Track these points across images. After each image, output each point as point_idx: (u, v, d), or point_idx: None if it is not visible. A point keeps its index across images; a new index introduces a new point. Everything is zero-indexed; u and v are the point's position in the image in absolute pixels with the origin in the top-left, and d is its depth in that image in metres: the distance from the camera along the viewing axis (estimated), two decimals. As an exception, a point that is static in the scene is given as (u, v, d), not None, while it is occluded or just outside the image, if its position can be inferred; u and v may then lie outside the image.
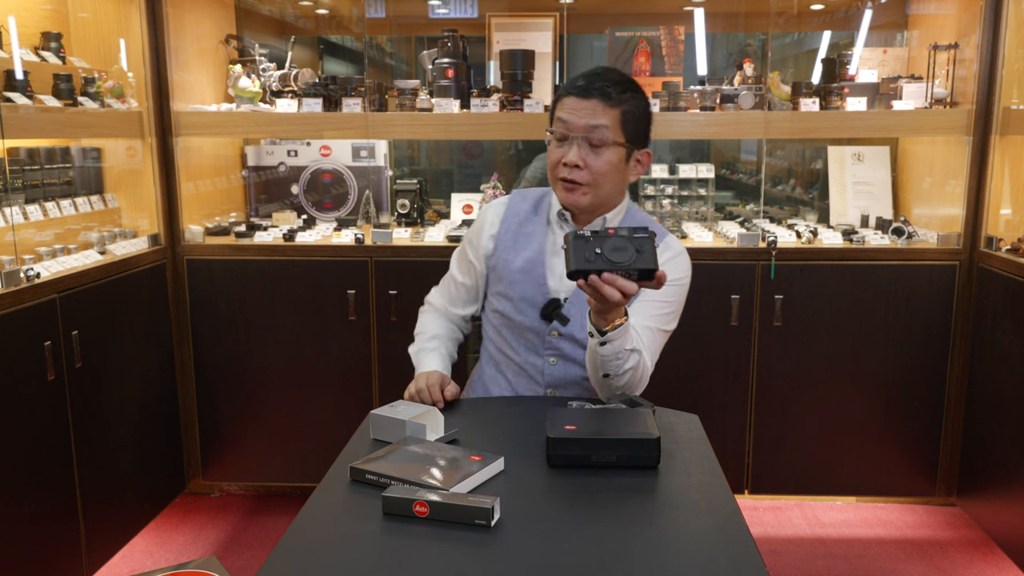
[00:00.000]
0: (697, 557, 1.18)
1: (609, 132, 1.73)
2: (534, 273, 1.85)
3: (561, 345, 1.85)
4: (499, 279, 1.89)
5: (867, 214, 3.19)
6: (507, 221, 1.90)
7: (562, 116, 1.76)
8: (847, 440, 2.94)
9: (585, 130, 1.73)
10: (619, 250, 1.43)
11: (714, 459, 1.49)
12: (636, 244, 1.44)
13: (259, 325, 2.94)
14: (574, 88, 1.75)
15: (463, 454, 1.44)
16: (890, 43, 3.33)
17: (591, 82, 1.74)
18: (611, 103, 1.73)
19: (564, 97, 1.78)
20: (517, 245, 1.88)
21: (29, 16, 2.70)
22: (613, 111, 1.73)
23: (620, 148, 1.75)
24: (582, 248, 1.44)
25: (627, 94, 1.75)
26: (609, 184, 1.78)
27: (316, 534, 1.24)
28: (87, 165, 2.85)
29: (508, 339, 1.90)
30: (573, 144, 1.74)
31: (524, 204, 1.93)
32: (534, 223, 1.89)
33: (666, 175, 3.37)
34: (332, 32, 3.72)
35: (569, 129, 1.75)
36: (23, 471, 2.19)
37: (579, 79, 1.76)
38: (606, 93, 1.73)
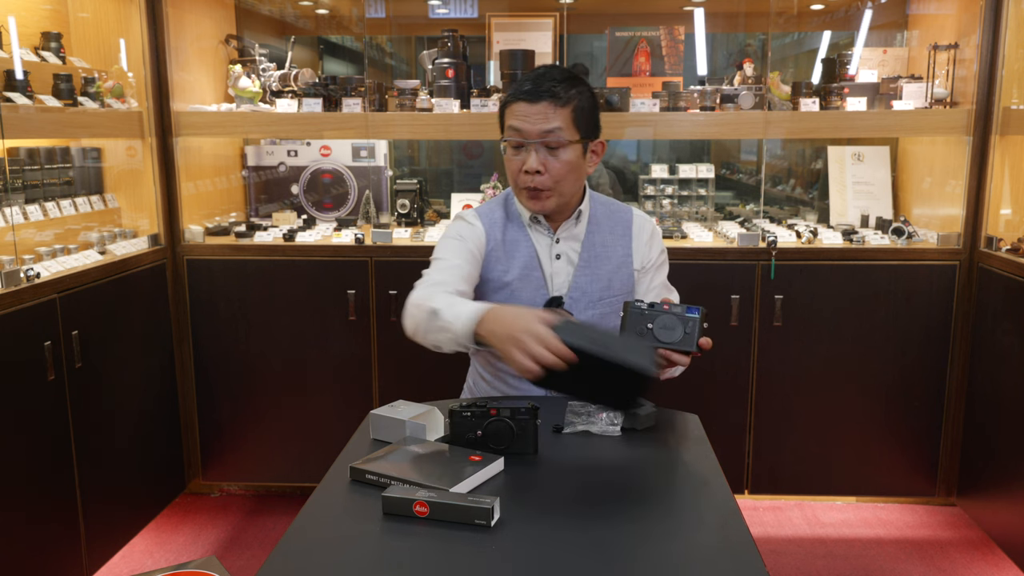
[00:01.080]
0: (697, 557, 1.18)
1: (564, 132, 1.73)
2: (532, 278, 1.85)
3: None
4: (496, 290, 1.87)
5: (867, 214, 3.19)
6: (491, 233, 1.87)
7: (514, 124, 1.75)
8: (847, 440, 2.94)
9: (540, 135, 1.73)
10: (668, 329, 1.56)
11: (714, 459, 1.49)
12: (685, 325, 1.56)
13: (259, 325, 2.94)
14: (522, 93, 1.74)
15: (463, 454, 1.44)
16: (890, 43, 3.33)
17: (538, 84, 1.73)
18: (561, 103, 1.72)
19: (512, 103, 1.76)
20: (509, 254, 1.86)
21: (29, 16, 2.70)
22: (564, 110, 1.73)
23: (576, 145, 1.76)
24: (636, 320, 1.58)
25: (574, 90, 1.75)
26: (571, 183, 1.79)
27: (316, 534, 1.24)
28: (87, 165, 2.85)
29: None
30: (531, 150, 1.74)
31: (495, 214, 1.90)
32: (513, 230, 1.88)
33: (666, 175, 3.37)
34: (332, 32, 3.72)
35: (524, 136, 1.74)
36: (23, 471, 2.19)
37: (524, 83, 1.75)
38: (554, 93, 1.72)
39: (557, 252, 1.87)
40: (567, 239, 1.88)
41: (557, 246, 1.87)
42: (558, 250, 1.87)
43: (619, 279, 1.88)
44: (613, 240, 1.89)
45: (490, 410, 1.48)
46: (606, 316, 1.88)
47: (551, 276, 1.87)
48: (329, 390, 2.97)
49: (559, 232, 1.87)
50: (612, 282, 1.87)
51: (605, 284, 1.87)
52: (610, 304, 1.88)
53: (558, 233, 1.87)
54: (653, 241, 1.93)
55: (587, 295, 1.86)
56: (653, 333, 1.57)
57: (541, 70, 1.77)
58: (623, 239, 1.90)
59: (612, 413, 1.61)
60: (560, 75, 1.75)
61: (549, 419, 1.62)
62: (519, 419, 1.48)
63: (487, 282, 1.88)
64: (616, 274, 1.88)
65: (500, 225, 1.88)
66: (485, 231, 1.87)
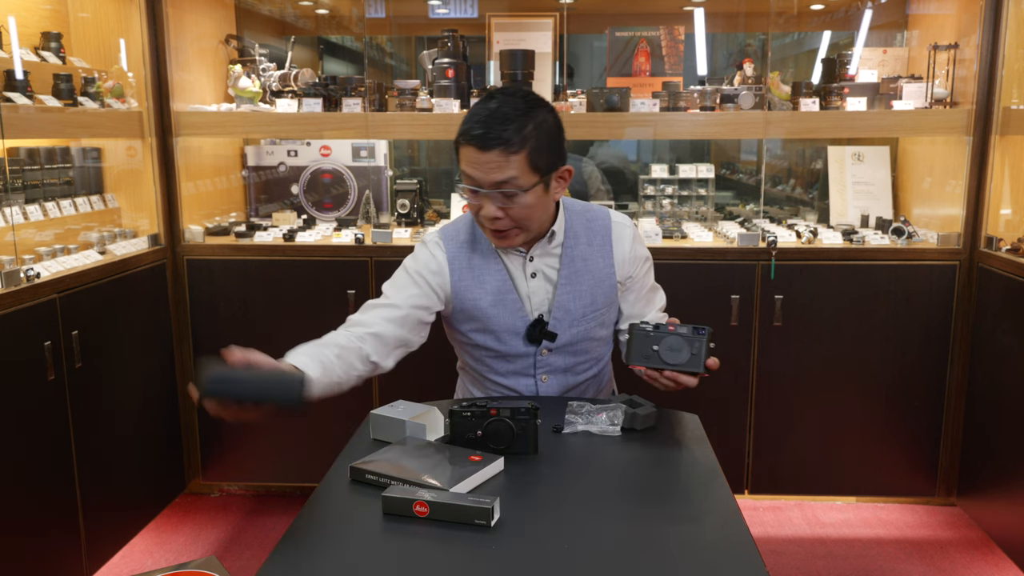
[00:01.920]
0: (697, 557, 1.18)
1: (520, 179, 1.60)
2: (507, 302, 1.78)
3: (551, 360, 1.83)
4: (471, 318, 1.79)
5: (867, 214, 3.19)
6: (455, 263, 1.78)
7: (467, 171, 1.63)
8: (847, 440, 2.94)
9: (493, 186, 1.61)
10: (674, 351, 1.57)
11: (714, 459, 1.49)
12: (692, 346, 1.57)
13: (259, 325, 2.94)
14: (472, 138, 1.59)
15: (463, 454, 1.44)
16: (890, 43, 3.33)
17: (488, 130, 1.57)
18: (513, 149, 1.58)
19: (463, 147, 1.62)
20: (477, 282, 1.78)
21: (29, 16, 2.70)
22: (517, 156, 1.59)
23: (536, 186, 1.64)
24: (642, 343, 1.59)
25: (529, 127, 1.60)
26: (536, 219, 1.69)
27: (316, 534, 1.24)
28: (87, 165, 2.85)
29: (493, 366, 1.85)
30: (486, 198, 1.63)
31: (459, 237, 1.80)
32: (479, 251, 1.79)
33: (666, 175, 3.37)
34: (332, 32, 3.72)
35: (478, 184, 1.62)
36: (23, 471, 2.18)
37: (476, 126, 1.59)
38: (505, 140, 1.57)
39: (532, 271, 1.78)
40: (541, 256, 1.78)
41: (531, 264, 1.78)
42: (533, 268, 1.78)
43: (602, 292, 1.80)
44: (592, 252, 1.80)
45: (490, 410, 1.48)
46: (590, 331, 1.82)
47: (528, 296, 1.78)
48: (329, 390, 2.96)
49: (532, 251, 1.78)
50: (596, 297, 1.80)
51: (588, 300, 1.79)
52: (595, 319, 1.81)
53: (531, 252, 1.78)
54: (636, 247, 1.84)
55: (570, 314, 1.78)
56: (659, 355, 1.57)
57: (493, 104, 1.60)
58: (603, 249, 1.80)
59: (612, 413, 1.61)
60: (513, 111, 1.59)
61: (549, 419, 1.62)
62: (519, 419, 1.48)
63: (461, 311, 1.80)
64: (599, 287, 1.80)
65: (466, 249, 1.79)
66: (448, 259, 1.78)
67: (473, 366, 1.90)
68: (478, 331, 1.81)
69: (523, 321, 1.79)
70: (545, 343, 1.79)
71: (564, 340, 1.80)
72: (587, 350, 1.85)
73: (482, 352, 1.84)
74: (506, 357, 1.83)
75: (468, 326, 1.82)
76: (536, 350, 1.80)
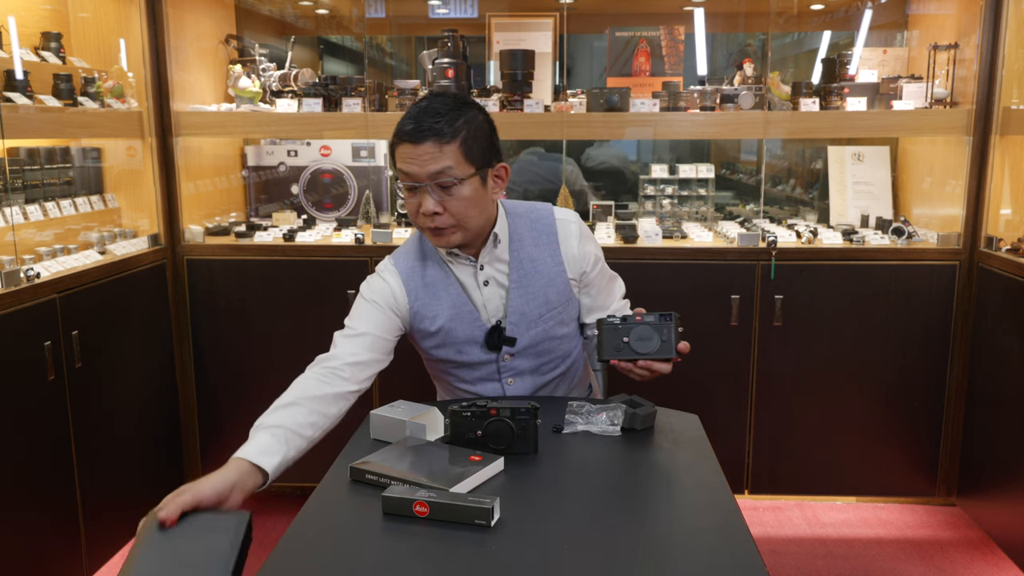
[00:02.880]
0: (697, 557, 1.18)
1: (455, 169, 1.63)
2: (464, 314, 1.78)
3: (515, 364, 1.83)
4: (430, 335, 1.80)
5: (867, 214, 3.19)
6: (409, 284, 1.79)
7: (403, 168, 1.65)
8: (847, 440, 2.94)
9: (430, 177, 1.63)
10: (644, 340, 1.61)
11: (714, 459, 1.49)
12: (661, 333, 1.61)
13: (259, 325, 2.94)
14: (404, 134, 1.63)
15: (463, 454, 1.44)
16: (890, 43, 3.33)
17: (419, 123, 1.61)
18: (446, 139, 1.62)
19: (398, 145, 1.65)
20: (433, 299, 1.79)
21: (29, 16, 2.70)
22: (451, 146, 1.62)
23: (473, 178, 1.66)
24: (611, 336, 1.61)
25: (460, 120, 1.64)
26: (475, 216, 1.69)
27: (316, 534, 1.24)
28: (87, 165, 2.85)
29: (460, 375, 1.86)
30: (424, 192, 1.65)
31: (409, 258, 1.82)
32: (431, 269, 1.80)
33: (666, 175, 3.37)
34: (332, 32, 3.72)
35: (414, 179, 1.64)
36: (23, 471, 2.18)
37: (408, 122, 1.63)
38: (437, 131, 1.61)
39: (484, 279, 1.79)
40: (491, 262, 1.79)
41: (482, 272, 1.79)
42: (484, 276, 1.79)
43: (555, 291, 1.81)
44: (539, 252, 1.80)
45: (490, 410, 1.48)
46: (549, 330, 1.82)
47: (483, 305, 1.79)
48: (329, 390, 2.96)
49: (481, 259, 1.78)
50: (549, 296, 1.80)
51: (542, 300, 1.79)
52: (552, 318, 1.81)
53: (480, 260, 1.78)
54: (584, 245, 1.83)
55: (525, 317, 1.79)
56: (630, 346, 1.60)
57: (424, 103, 1.65)
58: (549, 248, 1.81)
59: (612, 413, 1.62)
60: (443, 107, 1.64)
61: (549, 419, 1.62)
62: (519, 419, 1.48)
63: (419, 330, 1.80)
64: (550, 287, 1.80)
65: (418, 271, 1.80)
66: (403, 283, 1.79)
67: (441, 378, 1.92)
68: (438, 347, 1.82)
69: (481, 331, 1.79)
70: (506, 348, 1.80)
71: (524, 343, 1.80)
72: (550, 349, 1.85)
73: (446, 364, 1.86)
74: (469, 366, 1.83)
75: (428, 342, 1.82)
76: (498, 356, 1.81)
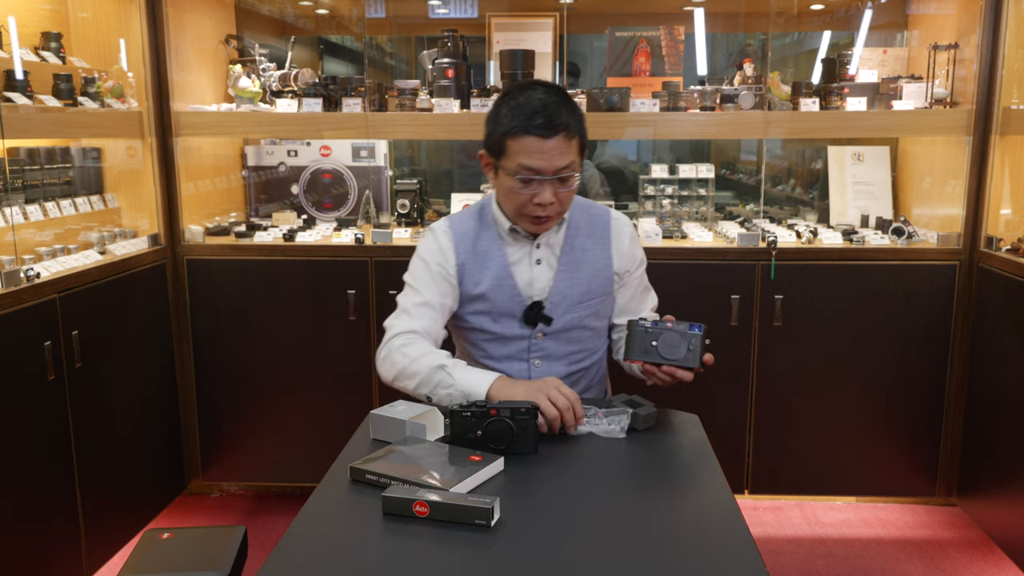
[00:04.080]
0: (697, 557, 1.18)
1: (576, 163, 1.72)
2: (505, 286, 1.84)
3: (546, 345, 1.88)
4: (472, 300, 1.86)
5: (867, 214, 3.19)
6: (461, 246, 1.85)
7: (528, 163, 1.67)
8: (847, 440, 2.94)
9: (556, 172, 1.69)
10: (672, 346, 1.62)
11: (714, 459, 1.49)
12: (688, 342, 1.62)
13: (259, 325, 2.94)
14: (534, 128, 1.65)
15: (463, 454, 1.44)
16: (890, 43, 3.33)
17: (551, 119, 1.65)
18: (571, 134, 1.69)
19: (521, 137, 1.67)
20: (480, 265, 1.84)
21: (29, 16, 2.70)
22: (575, 141, 1.71)
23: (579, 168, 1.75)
24: (641, 338, 1.64)
25: (578, 114, 1.72)
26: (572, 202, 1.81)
27: (316, 534, 1.24)
28: (87, 165, 2.85)
29: (488, 349, 1.90)
30: (545, 185, 1.70)
31: (468, 224, 1.87)
32: (486, 238, 1.86)
33: (666, 175, 3.37)
34: (332, 32, 3.72)
35: (540, 173, 1.68)
36: (23, 471, 2.18)
37: (535, 116, 1.65)
38: (567, 127, 1.67)
39: (537, 257, 1.86)
40: (547, 244, 1.86)
41: (537, 251, 1.85)
42: (539, 255, 1.86)
43: (598, 282, 1.88)
44: (592, 244, 1.88)
45: (490, 410, 1.48)
46: (585, 319, 1.88)
47: (531, 281, 1.85)
48: (329, 390, 2.97)
49: (540, 238, 1.85)
50: (592, 285, 1.87)
51: (585, 288, 1.86)
52: (589, 307, 1.88)
53: (539, 239, 1.85)
54: (634, 247, 1.93)
55: (567, 299, 1.85)
56: (658, 350, 1.62)
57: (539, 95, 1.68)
58: (602, 242, 1.89)
59: (617, 417, 1.61)
60: (559, 99, 1.69)
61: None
62: (519, 419, 1.48)
63: (463, 293, 1.86)
64: (595, 277, 1.88)
65: (471, 236, 1.85)
66: (454, 246, 1.84)
67: (469, 351, 1.95)
68: (476, 313, 1.87)
69: (520, 305, 1.84)
70: (540, 327, 1.85)
71: (559, 325, 1.85)
72: (581, 339, 1.90)
73: (478, 335, 1.89)
74: (502, 339, 1.87)
75: (468, 307, 1.87)
76: (531, 333, 1.86)
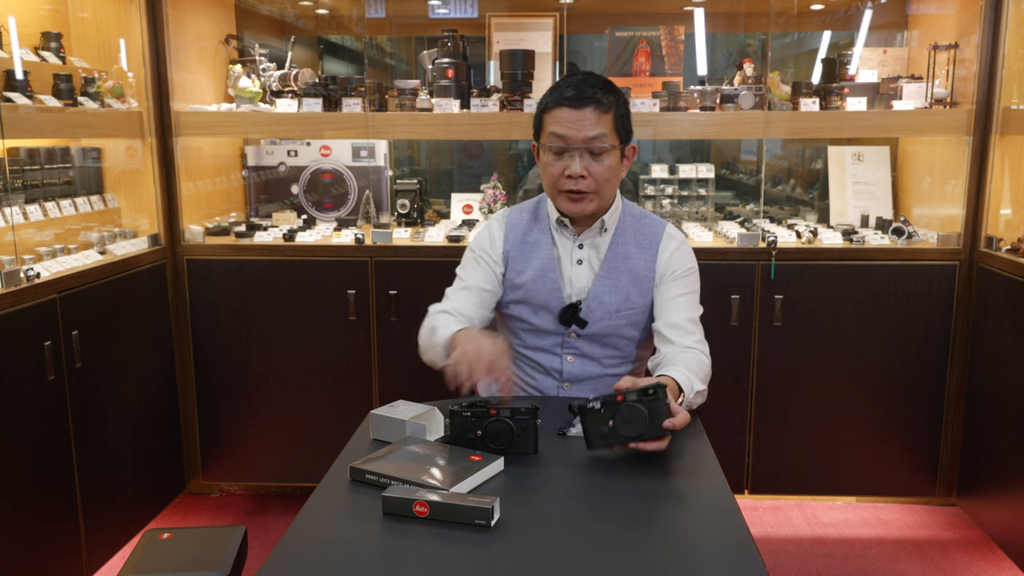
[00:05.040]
0: (697, 557, 1.18)
1: (607, 138, 1.75)
2: (547, 280, 1.87)
3: (579, 344, 1.90)
4: (514, 288, 1.91)
5: (867, 214, 3.19)
6: (511, 234, 1.92)
7: (558, 131, 1.75)
8: (847, 440, 2.94)
9: (585, 142, 1.74)
10: (630, 422, 1.42)
11: (714, 459, 1.49)
12: (648, 408, 1.41)
13: (259, 325, 2.94)
14: (565, 99, 1.74)
15: (463, 454, 1.44)
16: (890, 43, 3.33)
17: (581, 91, 1.73)
18: (604, 108, 1.74)
19: (554, 109, 1.76)
20: (526, 256, 1.90)
21: (29, 16, 2.70)
22: (607, 116, 1.75)
23: (616, 150, 1.78)
24: (595, 424, 1.45)
25: (612, 96, 1.77)
26: (611, 187, 1.81)
27: (316, 534, 1.24)
28: (87, 165, 2.85)
29: (525, 339, 1.95)
30: (575, 156, 1.75)
31: (523, 215, 1.94)
32: (536, 232, 1.91)
33: (666, 175, 3.37)
34: (332, 32, 3.72)
35: (569, 143, 1.75)
36: (23, 471, 2.18)
37: (567, 89, 1.75)
38: (598, 100, 1.73)
39: (579, 257, 1.88)
40: (590, 246, 1.88)
41: (579, 252, 1.88)
42: (580, 256, 1.88)
43: (638, 292, 1.87)
44: (638, 253, 1.88)
45: (490, 410, 1.48)
46: (621, 328, 1.88)
47: (570, 280, 1.88)
48: (329, 390, 2.97)
49: (581, 238, 1.88)
50: (631, 295, 1.86)
51: (623, 297, 1.86)
52: (627, 316, 1.87)
53: (580, 239, 1.88)
54: (678, 253, 1.88)
55: (604, 305, 1.86)
56: (616, 431, 1.43)
57: (580, 75, 1.77)
58: (648, 252, 1.88)
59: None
60: (599, 81, 1.77)
61: (550, 421, 1.62)
62: (519, 419, 1.48)
63: (507, 280, 1.92)
64: (635, 287, 1.87)
65: (523, 226, 1.92)
66: (504, 234, 1.92)
67: (511, 340, 1.98)
68: (516, 302, 1.91)
69: (559, 302, 1.87)
70: (574, 327, 1.87)
71: (594, 330, 1.87)
72: (616, 346, 1.91)
73: (516, 323, 1.94)
74: (538, 331, 1.91)
75: (510, 295, 1.92)
76: (565, 332, 1.88)
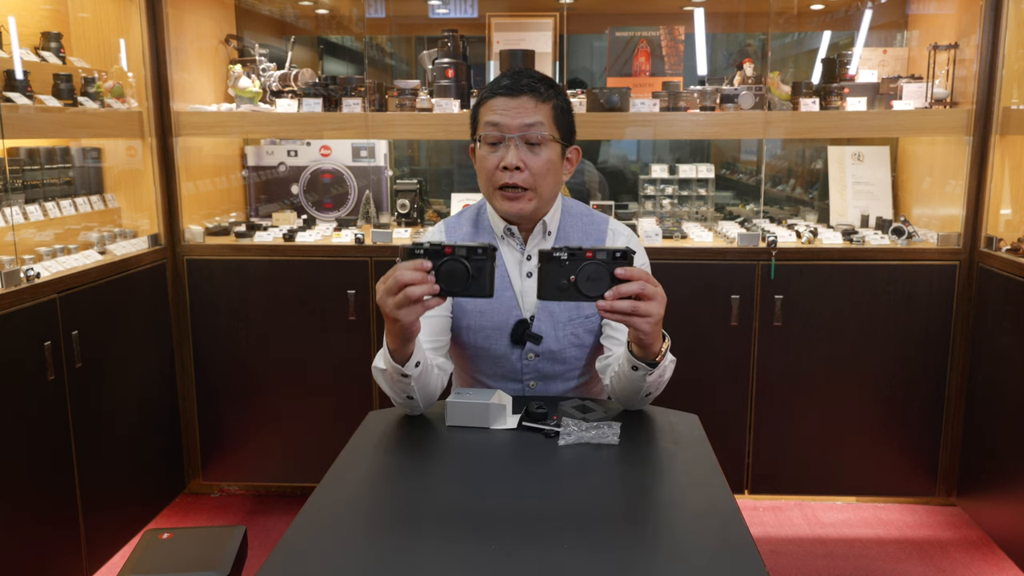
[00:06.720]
0: (697, 557, 1.18)
1: (545, 128, 1.67)
2: (504, 299, 1.75)
3: (540, 366, 1.78)
4: (464, 312, 1.77)
5: (867, 214, 3.19)
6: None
7: (492, 119, 1.67)
8: (847, 440, 2.94)
9: (521, 129, 1.66)
10: (593, 281, 1.33)
11: (714, 459, 1.49)
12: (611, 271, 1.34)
13: (259, 325, 2.94)
14: (501, 88, 1.68)
15: None
16: (890, 43, 3.33)
17: (517, 80, 1.68)
18: (542, 99, 1.68)
19: (490, 99, 1.70)
20: None
21: (29, 16, 2.70)
22: (545, 106, 1.68)
23: (556, 145, 1.70)
24: (555, 274, 1.35)
25: (552, 90, 1.71)
26: (549, 185, 1.70)
27: (316, 534, 1.24)
28: (87, 165, 2.85)
29: (483, 368, 1.82)
30: (510, 146, 1.66)
31: (463, 224, 1.82)
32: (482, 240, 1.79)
33: (666, 175, 3.37)
34: (332, 32, 3.72)
35: (503, 131, 1.67)
36: (23, 471, 2.19)
37: (503, 79, 1.69)
38: (535, 89, 1.68)
39: (528, 270, 1.77)
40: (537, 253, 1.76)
41: (528, 263, 1.77)
42: (529, 267, 1.77)
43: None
44: None
45: (444, 248, 1.38)
46: (579, 337, 1.77)
47: (521, 295, 1.76)
48: (329, 390, 2.97)
49: (528, 247, 1.77)
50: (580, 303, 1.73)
51: (573, 304, 1.74)
52: (581, 324, 1.76)
53: (528, 248, 1.77)
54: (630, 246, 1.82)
55: (553, 316, 1.75)
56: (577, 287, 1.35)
57: (519, 68, 1.75)
58: None
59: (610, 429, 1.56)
60: (539, 75, 1.72)
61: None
62: (475, 259, 1.37)
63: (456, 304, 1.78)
64: None
65: (463, 238, 1.80)
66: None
67: (464, 370, 1.88)
68: (469, 328, 1.78)
69: (515, 319, 1.75)
70: (530, 346, 1.76)
71: (550, 345, 1.76)
72: (576, 356, 1.79)
73: (472, 352, 1.81)
74: (494, 359, 1.79)
75: (460, 322, 1.79)
76: (521, 353, 1.77)
